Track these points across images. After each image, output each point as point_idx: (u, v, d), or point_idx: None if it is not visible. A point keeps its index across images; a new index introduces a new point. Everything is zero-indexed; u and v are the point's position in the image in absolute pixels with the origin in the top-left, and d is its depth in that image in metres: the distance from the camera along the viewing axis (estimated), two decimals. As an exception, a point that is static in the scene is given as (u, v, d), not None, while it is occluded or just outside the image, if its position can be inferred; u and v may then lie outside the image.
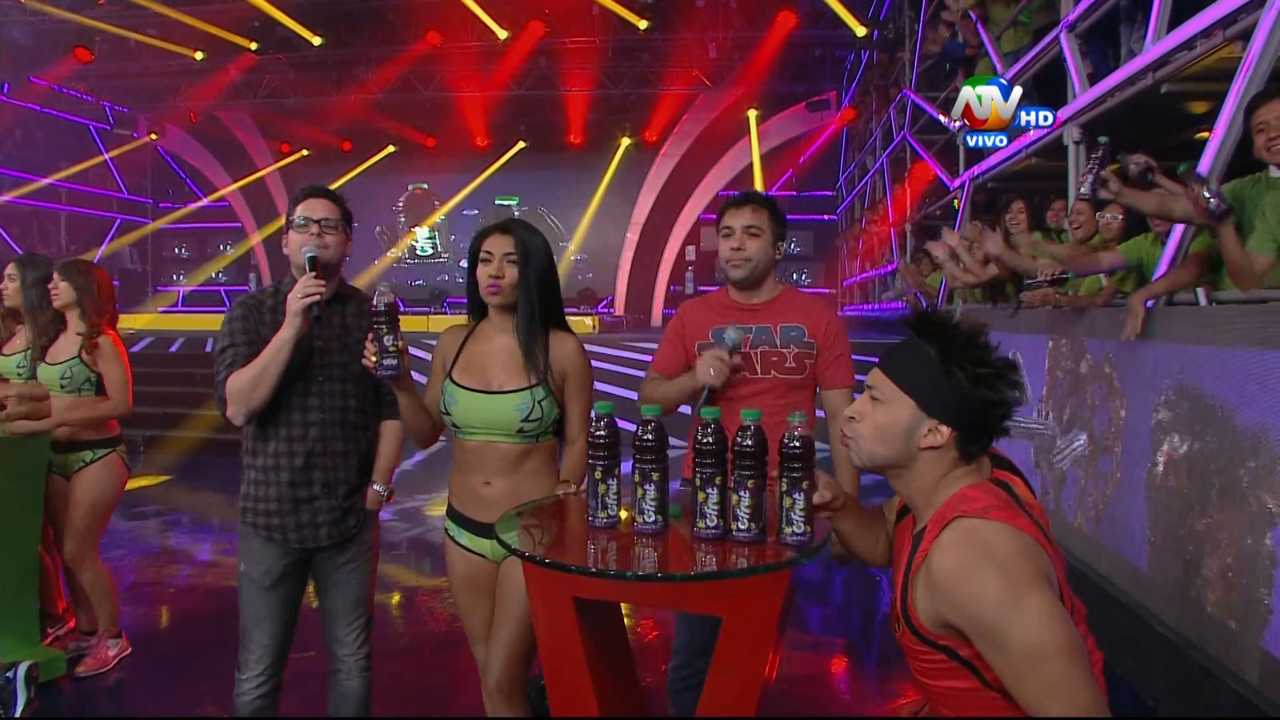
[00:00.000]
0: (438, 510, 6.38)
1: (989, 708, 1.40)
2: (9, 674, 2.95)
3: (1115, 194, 3.24)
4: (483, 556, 2.23)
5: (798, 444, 1.61)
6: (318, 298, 2.14)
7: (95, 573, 3.40)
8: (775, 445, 1.66)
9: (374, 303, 2.02)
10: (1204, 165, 3.52)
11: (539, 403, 2.16)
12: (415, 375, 2.29)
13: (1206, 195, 2.83)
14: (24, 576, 3.30)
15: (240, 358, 2.25)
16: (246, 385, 2.20)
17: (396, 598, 4.51)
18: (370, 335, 2.04)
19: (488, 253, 2.20)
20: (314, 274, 2.18)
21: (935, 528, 1.38)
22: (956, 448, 1.43)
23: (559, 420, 2.24)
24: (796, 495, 1.62)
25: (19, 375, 3.42)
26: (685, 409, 2.38)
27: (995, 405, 1.40)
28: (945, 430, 1.41)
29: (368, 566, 2.45)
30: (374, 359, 2.03)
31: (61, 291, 3.36)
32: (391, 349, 2.03)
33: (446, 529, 2.31)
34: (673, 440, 1.82)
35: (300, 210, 2.31)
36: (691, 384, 2.27)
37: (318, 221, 2.30)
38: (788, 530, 1.64)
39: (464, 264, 2.38)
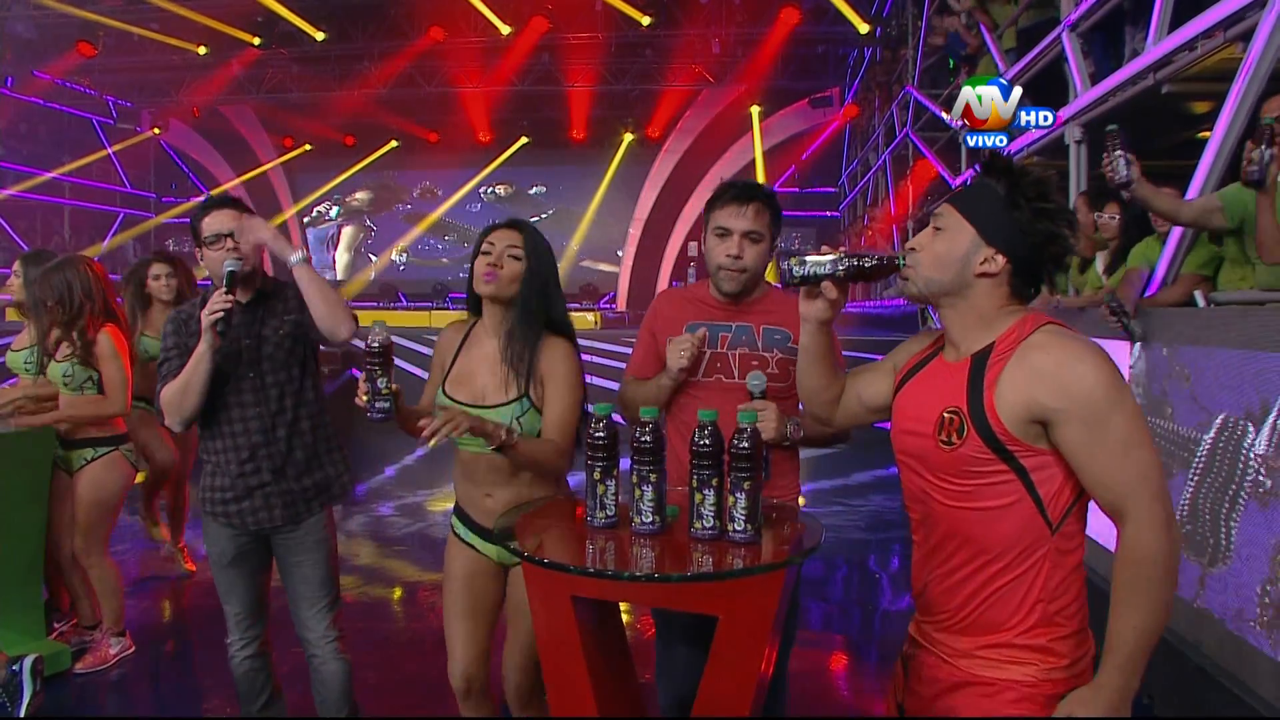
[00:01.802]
0: (439, 506, 6.41)
1: (1014, 527, 1.42)
2: (15, 666, 2.98)
3: (1135, 180, 3.19)
4: (487, 556, 2.25)
5: (746, 445, 1.66)
6: (222, 314, 2.21)
7: (103, 569, 3.42)
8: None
9: (368, 343, 1.97)
10: (1204, 164, 3.54)
11: (518, 419, 2.10)
12: (416, 370, 2.27)
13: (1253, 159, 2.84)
14: (30, 569, 3.34)
15: (173, 370, 2.36)
16: (175, 397, 2.31)
17: (398, 593, 4.54)
18: (363, 376, 1.99)
19: (490, 244, 2.16)
20: (226, 290, 2.25)
21: (1013, 339, 1.45)
22: (1009, 282, 1.48)
23: None
24: (739, 494, 1.66)
25: (27, 371, 3.44)
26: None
27: (1053, 239, 1.45)
28: (1001, 259, 1.46)
29: (325, 547, 2.49)
30: (365, 399, 1.98)
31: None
32: (385, 391, 1.98)
33: (453, 525, 2.30)
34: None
35: (209, 225, 2.36)
36: (669, 380, 2.15)
37: (229, 234, 2.35)
38: (731, 528, 1.68)
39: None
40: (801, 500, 2.33)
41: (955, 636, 1.50)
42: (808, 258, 1.55)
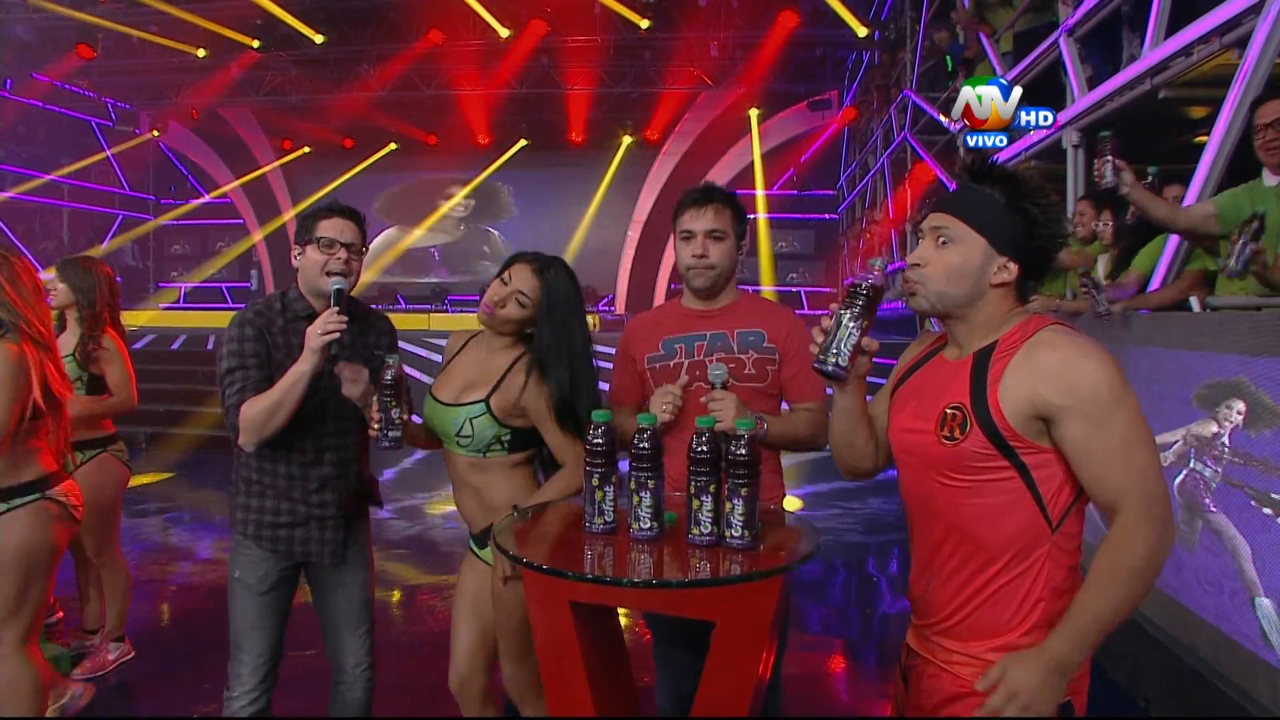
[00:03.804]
0: (437, 509, 6.42)
1: (1015, 525, 1.43)
2: (13, 671, 2.97)
3: (1128, 186, 3.19)
4: (488, 564, 2.25)
5: (744, 452, 1.66)
6: (338, 335, 2.01)
7: (115, 570, 3.44)
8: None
9: (381, 375, 2.02)
10: (1201, 169, 3.55)
11: (470, 420, 2.14)
12: (415, 374, 2.30)
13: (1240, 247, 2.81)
14: (28, 575, 3.32)
15: (252, 382, 2.12)
16: (260, 416, 2.07)
17: (397, 596, 4.54)
18: (376, 406, 2.01)
19: (507, 277, 2.19)
20: (337, 309, 2.05)
21: (1017, 337, 1.45)
22: (1017, 287, 1.50)
23: (509, 440, 2.19)
24: (736, 501, 1.67)
25: None
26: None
27: (1059, 237, 1.48)
28: (1014, 267, 1.47)
29: (366, 568, 2.40)
30: (378, 428, 2.02)
31: (60, 293, 3.37)
32: (398, 421, 2.03)
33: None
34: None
35: (327, 229, 2.17)
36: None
37: (346, 245, 2.17)
38: (728, 534, 1.69)
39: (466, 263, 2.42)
40: (800, 503, 2.34)
41: (956, 640, 1.48)
42: (829, 344, 1.50)
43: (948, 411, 1.46)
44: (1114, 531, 1.37)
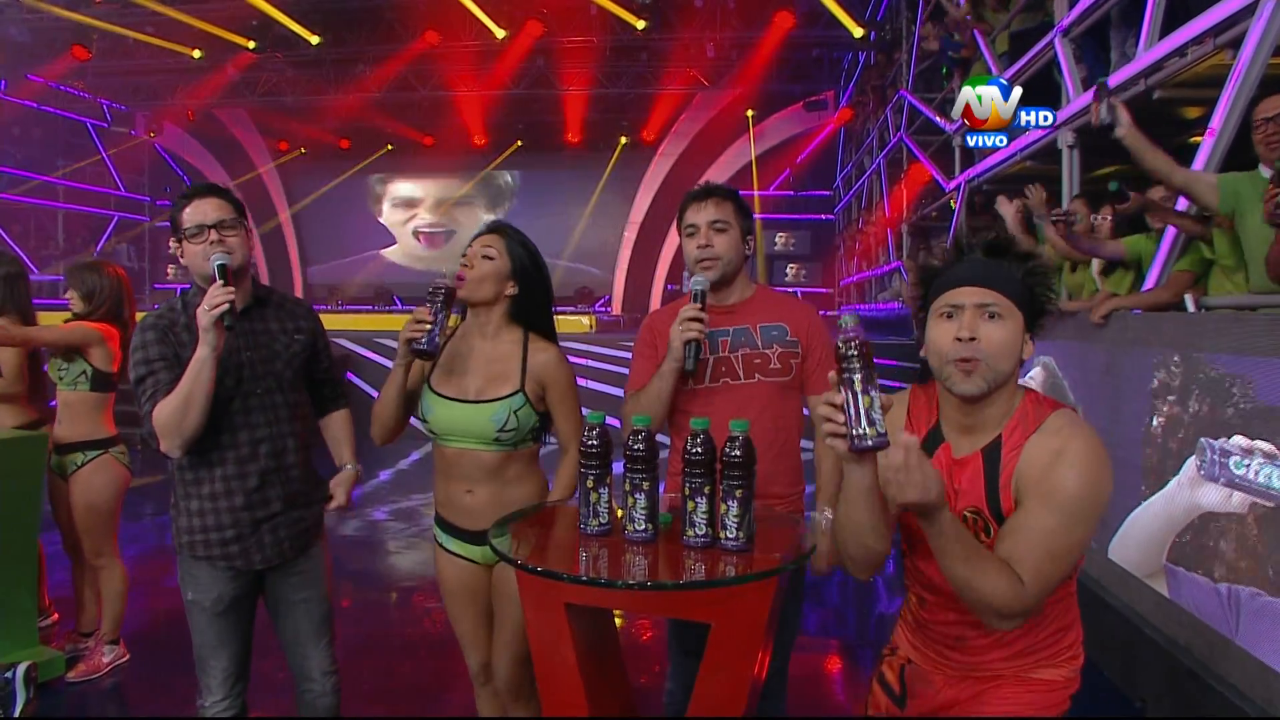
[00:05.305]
0: (433, 510, 6.40)
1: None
2: (8, 674, 2.98)
3: (1125, 131, 3.13)
4: (473, 562, 2.25)
5: (738, 453, 1.66)
6: (227, 306, 1.95)
7: (113, 571, 3.44)
8: (760, 455, 1.68)
9: (434, 283, 2.08)
10: (1196, 168, 3.55)
11: (515, 413, 2.13)
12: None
13: None
14: (23, 576, 3.33)
15: (163, 385, 2.06)
16: (174, 415, 2.01)
17: (393, 597, 4.54)
18: (428, 309, 2.04)
19: (469, 249, 2.24)
20: (222, 282, 1.99)
21: (1020, 433, 1.45)
22: None
23: (537, 427, 2.22)
24: (731, 503, 1.67)
25: None
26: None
27: (1049, 315, 1.50)
28: (1032, 344, 1.48)
29: (324, 580, 2.34)
30: (427, 329, 2.02)
31: (74, 299, 3.40)
32: (447, 329, 2.14)
33: (435, 536, 2.31)
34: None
35: (190, 216, 2.10)
36: (670, 365, 2.10)
37: (214, 226, 2.10)
38: (723, 536, 1.68)
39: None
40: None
41: (990, 661, 1.55)
42: (859, 418, 1.30)
43: (967, 515, 1.47)
44: (1014, 575, 1.36)
